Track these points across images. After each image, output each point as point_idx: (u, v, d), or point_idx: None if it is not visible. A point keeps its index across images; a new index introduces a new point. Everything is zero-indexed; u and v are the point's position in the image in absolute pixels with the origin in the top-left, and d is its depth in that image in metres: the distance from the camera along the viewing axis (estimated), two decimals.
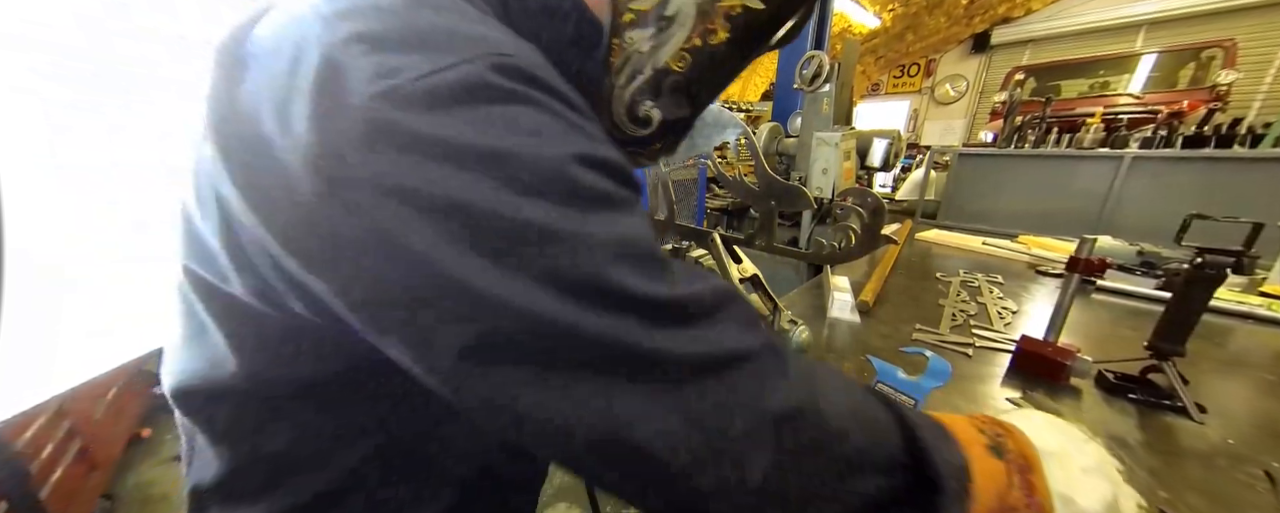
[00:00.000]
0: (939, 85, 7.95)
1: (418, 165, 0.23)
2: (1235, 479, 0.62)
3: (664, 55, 0.34)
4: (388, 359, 0.27)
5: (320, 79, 0.23)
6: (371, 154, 0.22)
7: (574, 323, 0.23)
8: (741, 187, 0.66)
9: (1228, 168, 1.86)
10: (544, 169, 0.24)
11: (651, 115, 0.37)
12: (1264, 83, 5.46)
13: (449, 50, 0.24)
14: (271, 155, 0.25)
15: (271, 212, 0.26)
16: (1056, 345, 0.86)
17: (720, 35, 0.34)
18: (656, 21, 0.33)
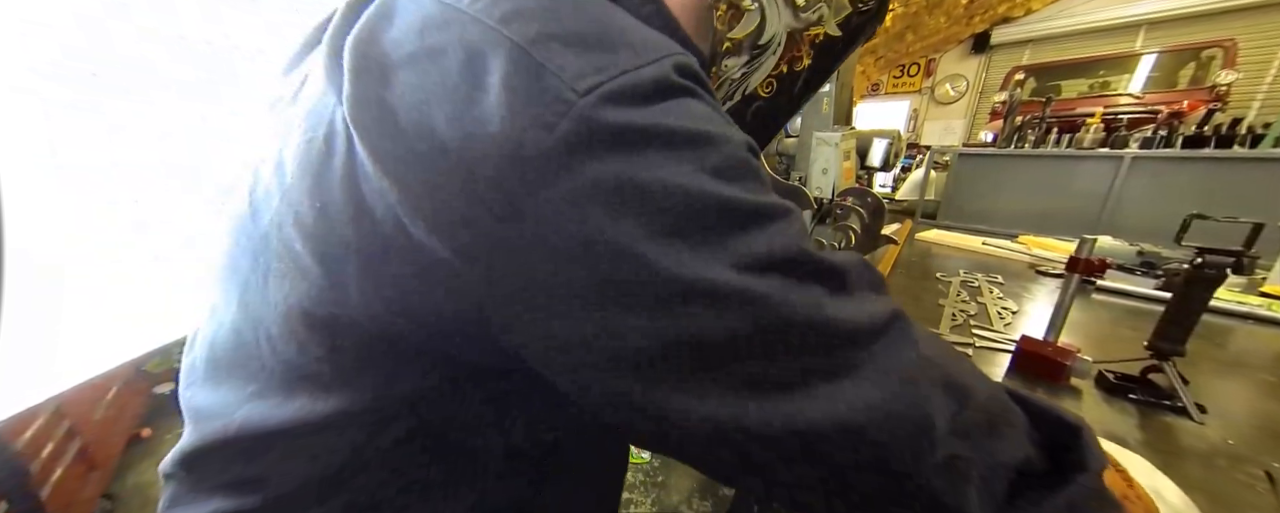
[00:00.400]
0: (939, 85, 7.94)
1: (639, 159, 0.23)
2: (1235, 479, 0.62)
3: (754, 81, 0.36)
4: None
5: (518, 78, 0.23)
6: (595, 149, 0.22)
7: (783, 300, 0.24)
8: None
9: (1228, 168, 1.86)
10: (737, 156, 0.25)
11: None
12: (1264, 83, 5.45)
13: (641, 49, 0.25)
14: (451, 160, 0.23)
15: (454, 220, 0.24)
16: (1056, 346, 0.86)
17: (804, 62, 0.36)
18: (751, 49, 0.34)
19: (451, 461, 0.33)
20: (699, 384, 0.24)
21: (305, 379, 0.30)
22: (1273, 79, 5.41)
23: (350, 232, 0.26)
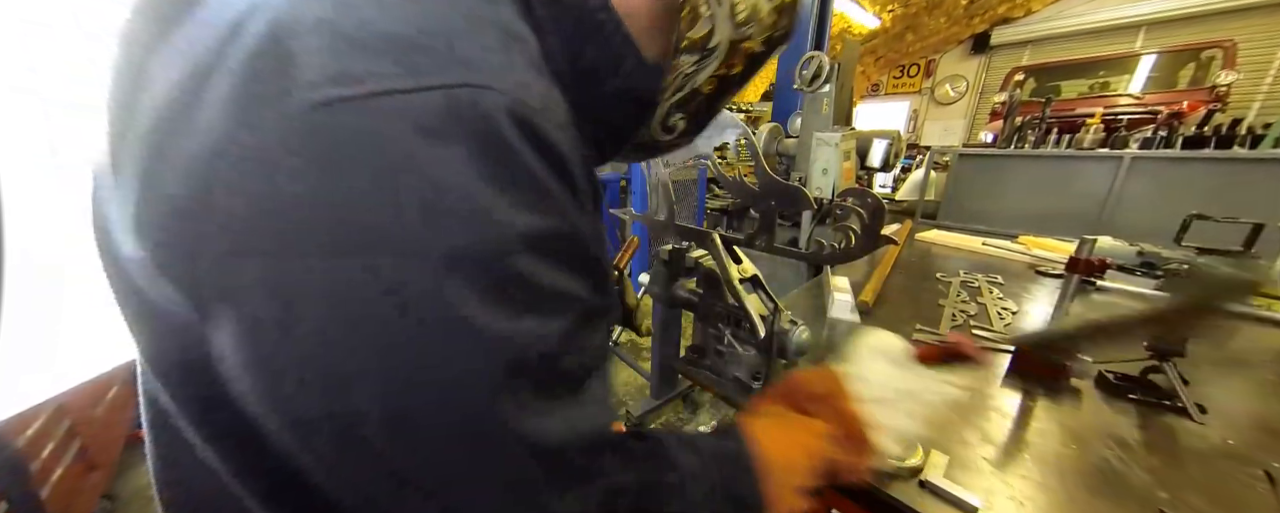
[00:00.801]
0: (939, 86, 7.95)
1: (335, 204, 0.19)
2: (1235, 480, 0.62)
3: (700, 79, 0.40)
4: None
5: (258, 62, 0.20)
6: (286, 175, 0.19)
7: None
8: (741, 187, 0.66)
9: (1227, 168, 1.86)
10: (477, 252, 0.22)
11: (678, 125, 0.43)
12: (1264, 83, 5.46)
13: (431, 69, 0.21)
14: (158, 138, 0.21)
15: (147, 209, 0.22)
16: None
17: (737, 68, 0.40)
18: (701, 50, 0.38)
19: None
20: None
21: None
22: (1273, 79, 5.42)
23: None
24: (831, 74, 1.59)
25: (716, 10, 0.36)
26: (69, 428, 1.56)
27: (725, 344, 0.81)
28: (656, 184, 0.78)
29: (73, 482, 1.50)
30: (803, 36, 2.17)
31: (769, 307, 0.74)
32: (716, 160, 0.69)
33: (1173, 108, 4.03)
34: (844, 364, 0.48)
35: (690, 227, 0.76)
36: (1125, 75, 5.15)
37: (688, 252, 0.79)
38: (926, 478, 0.60)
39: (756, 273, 0.75)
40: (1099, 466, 0.64)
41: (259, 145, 0.19)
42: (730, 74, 0.40)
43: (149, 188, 0.22)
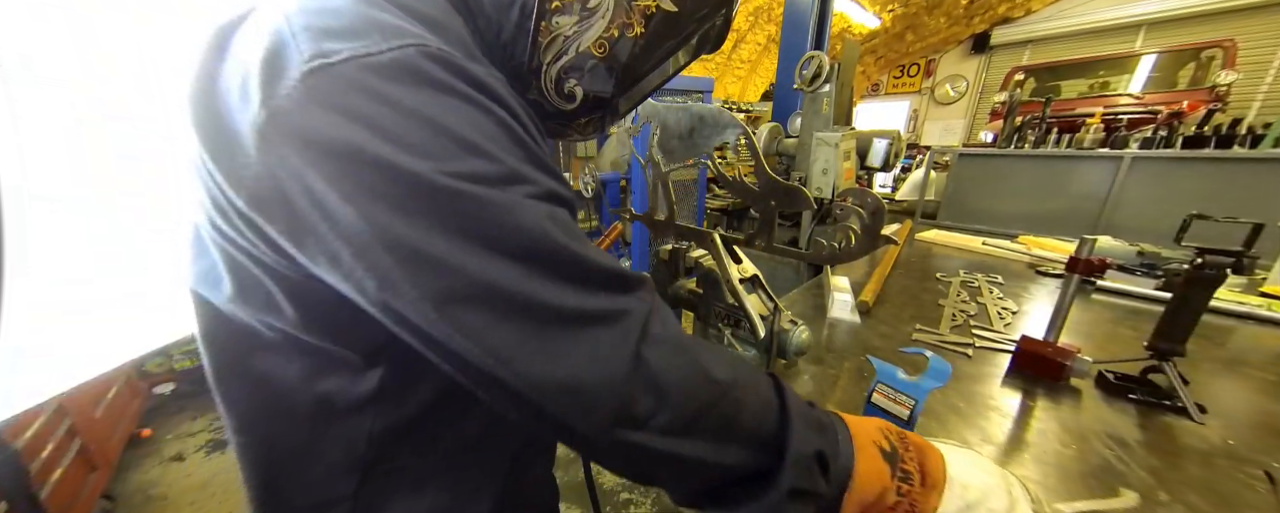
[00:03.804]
0: (939, 85, 7.95)
1: (337, 125, 0.28)
2: (1235, 479, 0.62)
3: (586, 40, 0.40)
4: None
5: (268, 58, 0.28)
6: (296, 117, 0.28)
7: (490, 279, 0.29)
8: (741, 187, 0.66)
9: (1228, 168, 1.86)
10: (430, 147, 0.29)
11: (575, 92, 0.43)
12: (1264, 83, 5.46)
13: (382, 38, 0.29)
14: (231, 125, 0.30)
15: (231, 172, 0.30)
16: (1056, 346, 0.86)
17: (636, 30, 0.40)
18: (581, 11, 0.39)
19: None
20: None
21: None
22: (1273, 79, 5.42)
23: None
24: (831, 74, 1.59)
25: None
26: (69, 428, 1.56)
27: (725, 344, 0.81)
28: (656, 183, 0.78)
29: (73, 482, 1.50)
30: (803, 36, 2.17)
31: (769, 307, 0.74)
32: (716, 160, 0.69)
33: (1173, 108, 4.03)
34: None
35: (690, 227, 0.76)
36: (1125, 75, 5.15)
37: (688, 252, 0.79)
38: None
39: (756, 273, 0.75)
40: (1099, 465, 0.64)
41: (281, 108, 0.28)
42: (629, 37, 0.40)
43: (234, 154, 0.30)
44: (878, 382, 0.61)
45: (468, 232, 0.29)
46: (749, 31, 5.45)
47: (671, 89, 1.91)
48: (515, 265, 0.30)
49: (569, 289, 0.31)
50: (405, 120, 0.28)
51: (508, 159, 0.31)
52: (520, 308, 0.30)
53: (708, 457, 0.34)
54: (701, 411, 0.34)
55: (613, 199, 2.90)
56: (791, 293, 1.36)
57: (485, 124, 0.31)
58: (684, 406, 0.33)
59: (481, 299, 0.29)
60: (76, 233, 1.16)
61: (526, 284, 0.30)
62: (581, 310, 0.31)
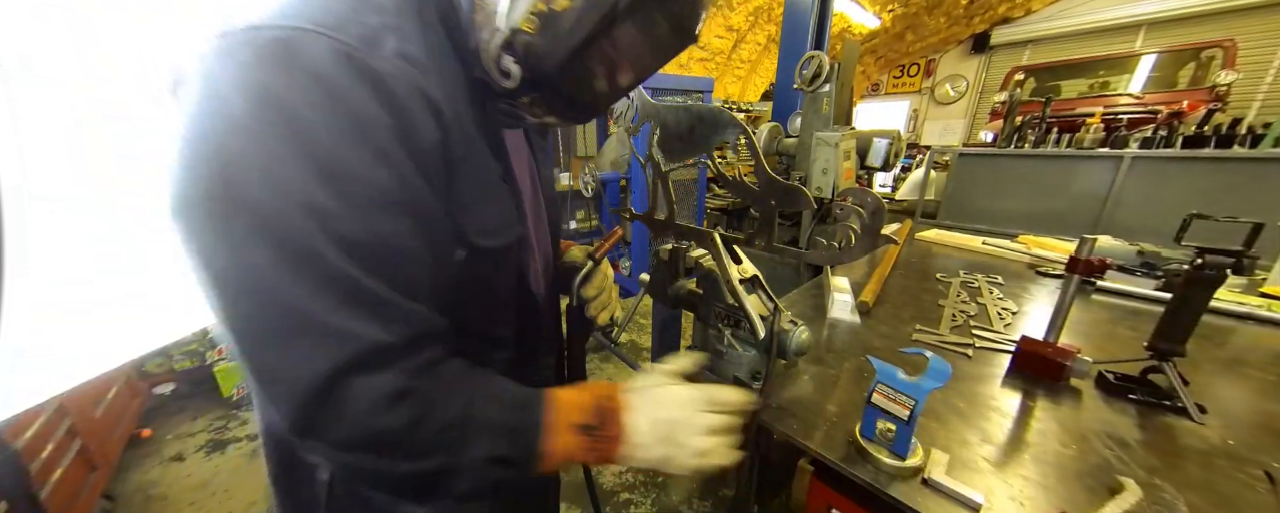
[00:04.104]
0: (939, 85, 7.94)
1: (195, 87, 0.34)
2: (1235, 479, 0.62)
3: (516, 17, 0.39)
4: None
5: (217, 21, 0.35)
6: (192, 77, 0.34)
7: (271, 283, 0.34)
8: (741, 187, 0.65)
9: (1228, 168, 1.86)
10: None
11: (511, 70, 0.42)
12: (1264, 83, 5.46)
13: (281, 16, 0.34)
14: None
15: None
16: (1056, 346, 0.86)
17: (561, 3, 0.39)
18: None
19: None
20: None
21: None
22: (1272, 79, 5.42)
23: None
24: (832, 74, 1.59)
25: None
26: (69, 428, 1.56)
27: (725, 344, 0.81)
28: (656, 183, 0.78)
29: (73, 482, 1.50)
30: (803, 37, 2.17)
31: (769, 307, 0.74)
32: (717, 160, 0.69)
33: (1173, 108, 4.03)
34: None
35: (690, 227, 0.76)
36: (1125, 75, 5.15)
37: (688, 252, 0.79)
38: (929, 476, 0.60)
39: (756, 273, 0.75)
40: (1099, 465, 0.64)
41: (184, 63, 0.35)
42: (554, 11, 0.39)
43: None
44: (878, 382, 0.61)
45: (242, 210, 0.33)
46: (749, 31, 5.45)
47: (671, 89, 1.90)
48: (272, 253, 0.34)
49: (309, 293, 0.34)
50: (247, 97, 0.32)
51: (334, 156, 0.34)
52: (264, 294, 0.34)
53: (385, 469, 0.39)
54: (384, 440, 0.38)
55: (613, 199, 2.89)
56: (791, 293, 1.36)
57: (335, 119, 0.34)
58: (363, 435, 0.37)
59: (234, 278, 0.34)
60: (76, 233, 1.16)
61: (270, 274, 0.34)
62: (308, 317, 0.34)
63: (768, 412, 0.75)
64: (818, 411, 0.76)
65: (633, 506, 1.72)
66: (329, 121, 0.34)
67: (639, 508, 1.72)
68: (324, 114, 0.34)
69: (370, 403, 0.36)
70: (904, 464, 0.60)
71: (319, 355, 0.35)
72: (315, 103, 0.33)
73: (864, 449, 0.63)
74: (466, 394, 0.42)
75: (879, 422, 0.63)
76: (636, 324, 3.33)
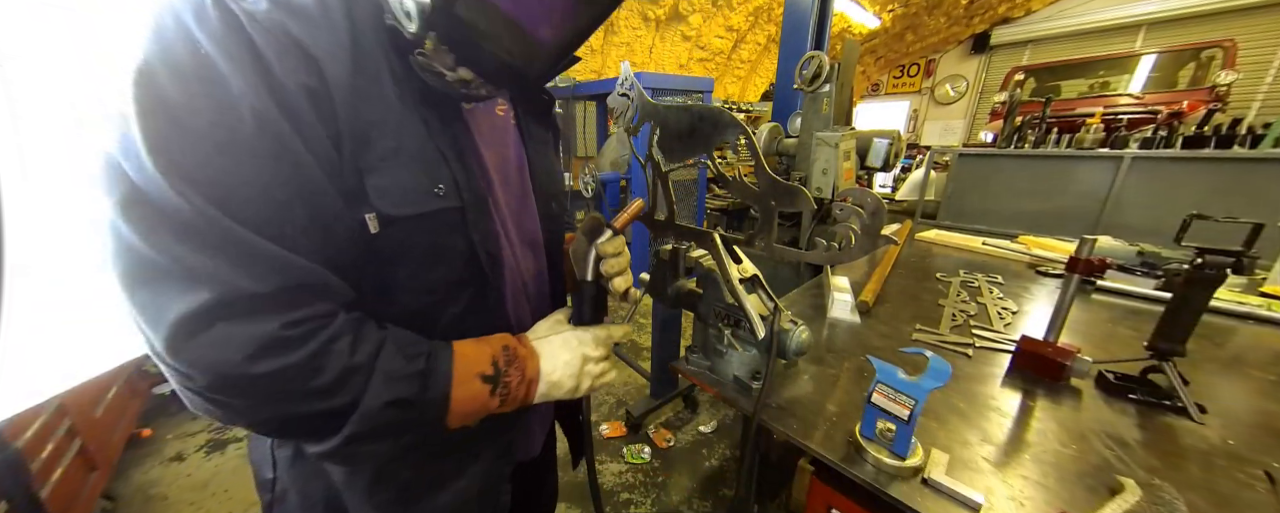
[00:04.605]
0: (939, 85, 7.94)
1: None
2: (1235, 479, 0.62)
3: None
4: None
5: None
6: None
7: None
8: (741, 187, 0.65)
9: (1228, 168, 1.86)
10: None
11: (409, 7, 0.42)
12: (1264, 83, 5.46)
13: None
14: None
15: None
16: (1056, 346, 0.86)
17: None
18: None
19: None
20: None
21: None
22: (1272, 79, 5.41)
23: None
24: (831, 74, 1.59)
25: None
26: (69, 428, 1.56)
27: (725, 344, 0.81)
28: (656, 182, 0.78)
29: (73, 482, 1.50)
30: (803, 37, 2.17)
31: (769, 307, 0.74)
32: (717, 160, 0.69)
33: (1173, 108, 4.03)
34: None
35: (690, 227, 0.76)
36: (1125, 75, 5.15)
37: (688, 252, 0.79)
38: (929, 476, 0.60)
39: (756, 273, 0.75)
40: (1099, 465, 0.64)
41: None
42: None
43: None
44: (878, 382, 0.61)
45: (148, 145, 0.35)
46: (749, 31, 5.45)
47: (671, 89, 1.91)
48: (139, 201, 0.35)
49: (173, 237, 0.35)
50: (157, 38, 0.35)
51: (181, 98, 0.35)
52: (134, 237, 0.35)
53: (261, 415, 0.41)
54: (255, 387, 0.39)
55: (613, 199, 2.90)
56: (791, 293, 1.36)
57: (185, 60, 0.36)
58: (227, 380, 0.38)
59: (112, 223, 0.35)
60: (77, 233, 1.16)
61: (128, 211, 0.35)
62: (175, 261, 0.36)
63: (768, 412, 0.75)
64: (818, 411, 0.76)
65: (633, 506, 1.72)
66: (180, 61, 0.36)
67: (639, 508, 1.72)
68: (177, 54, 0.35)
69: (236, 348, 0.37)
70: (904, 464, 0.61)
71: (186, 297, 0.36)
72: (171, 45, 0.35)
73: (864, 449, 0.64)
74: (361, 347, 0.43)
75: (879, 422, 0.63)
76: (636, 324, 3.33)
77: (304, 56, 0.39)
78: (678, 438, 2.08)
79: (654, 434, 2.09)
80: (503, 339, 0.55)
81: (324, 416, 0.42)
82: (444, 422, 0.48)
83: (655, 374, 2.21)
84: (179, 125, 0.35)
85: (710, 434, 2.11)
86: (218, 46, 0.36)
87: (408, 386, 0.45)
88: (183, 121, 0.35)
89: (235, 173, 0.37)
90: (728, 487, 1.81)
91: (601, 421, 2.19)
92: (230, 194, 0.36)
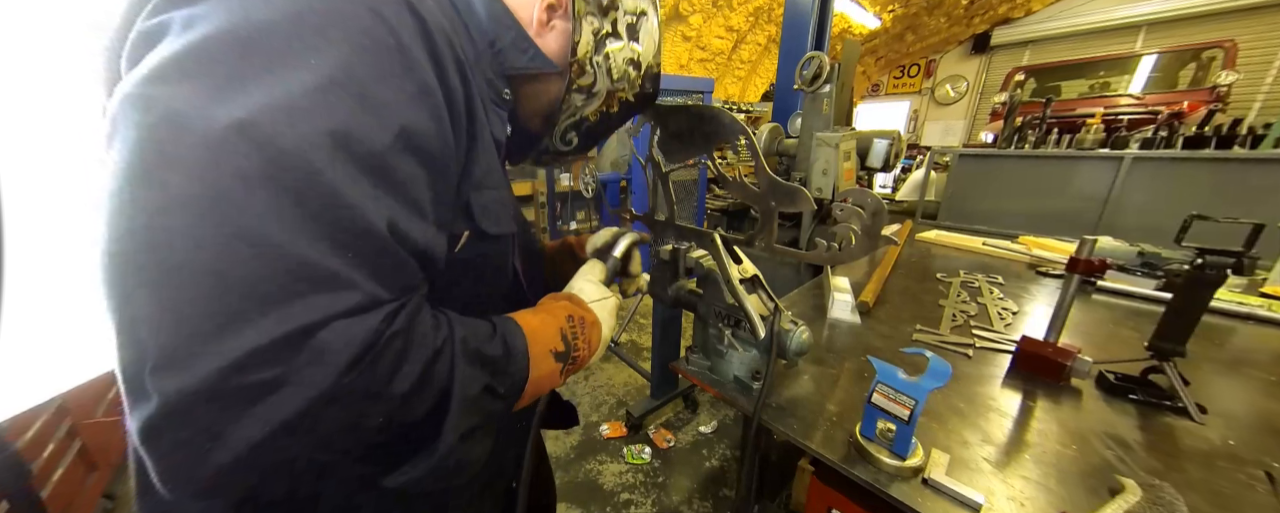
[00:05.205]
0: (939, 86, 7.94)
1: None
2: (1236, 480, 0.62)
3: (587, 111, 0.59)
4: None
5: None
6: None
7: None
8: (742, 187, 0.65)
9: (1228, 169, 1.86)
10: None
11: (573, 139, 0.61)
12: (1264, 83, 5.45)
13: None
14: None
15: None
16: (1057, 346, 0.86)
17: (614, 108, 0.60)
18: (588, 93, 0.57)
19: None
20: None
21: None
22: (1273, 80, 5.41)
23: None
24: (832, 74, 1.59)
25: (598, 69, 0.56)
26: (69, 428, 1.56)
27: (725, 344, 0.81)
28: (656, 183, 0.78)
29: (73, 482, 1.50)
30: (803, 37, 2.17)
31: (769, 307, 0.74)
32: (717, 161, 0.69)
33: (1173, 108, 4.03)
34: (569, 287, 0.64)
35: (690, 227, 0.76)
36: (1126, 75, 5.15)
37: (688, 252, 0.79)
38: (929, 476, 0.60)
39: (756, 273, 0.75)
40: (1099, 466, 0.64)
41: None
42: (609, 112, 0.60)
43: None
44: (878, 382, 0.61)
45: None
46: (749, 32, 5.45)
47: (672, 89, 1.92)
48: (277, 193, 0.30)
49: (310, 238, 0.30)
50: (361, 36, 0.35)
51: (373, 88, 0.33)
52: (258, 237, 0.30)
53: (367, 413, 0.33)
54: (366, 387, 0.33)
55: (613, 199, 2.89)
56: (791, 293, 1.36)
57: (380, 51, 0.35)
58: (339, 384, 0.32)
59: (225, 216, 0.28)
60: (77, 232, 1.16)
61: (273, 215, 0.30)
62: (308, 266, 0.30)
63: (768, 412, 0.75)
64: (818, 411, 0.76)
65: (633, 506, 1.72)
66: (373, 49, 0.33)
67: (639, 508, 1.72)
68: (367, 39, 0.33)
69: (352, 348, 0.31)
70: (904, 464, 0.61)
71: (310, 308, 0.29)
72: (366, 29, 0.33)
73: (864, 449, 0.63)
74: (447, 331, 0.39)
75: (879, 422, 0.63)
76: (636, 324, 3.33)
77: (461, 71, 0.41)
78: (678, 438, 2.08)
79: (654, 435, 2.09)
80: (565, 308, 0.54)
81: (421, 414, 0.37)
82: (514, 405, 0.47)
83: (655, 374, 2.21)
84: (366, 110, 0.33)
85: (710, 434, 2.11)
86: (412, 42, 0.36)
87: (492, 375, 0.42)
88: (369, 109, 0.33)
89: (400, 167, 0.35)
90: (728, 487, 1.81)
91: (602, 421, 2.19)
92: (391, 189, 0.34)
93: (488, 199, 0.46)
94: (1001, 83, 6.00)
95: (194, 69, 0.29)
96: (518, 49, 0.51)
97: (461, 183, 0.43)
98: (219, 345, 0.27)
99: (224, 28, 0.29)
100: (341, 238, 0.31)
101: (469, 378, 0.40)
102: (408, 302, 0.36)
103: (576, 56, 0.53)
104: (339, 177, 0.30)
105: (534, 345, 0.47)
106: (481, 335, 0.43)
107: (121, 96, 0.29)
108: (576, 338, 0.52)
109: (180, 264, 0.27)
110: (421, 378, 0.36)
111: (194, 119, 0.27)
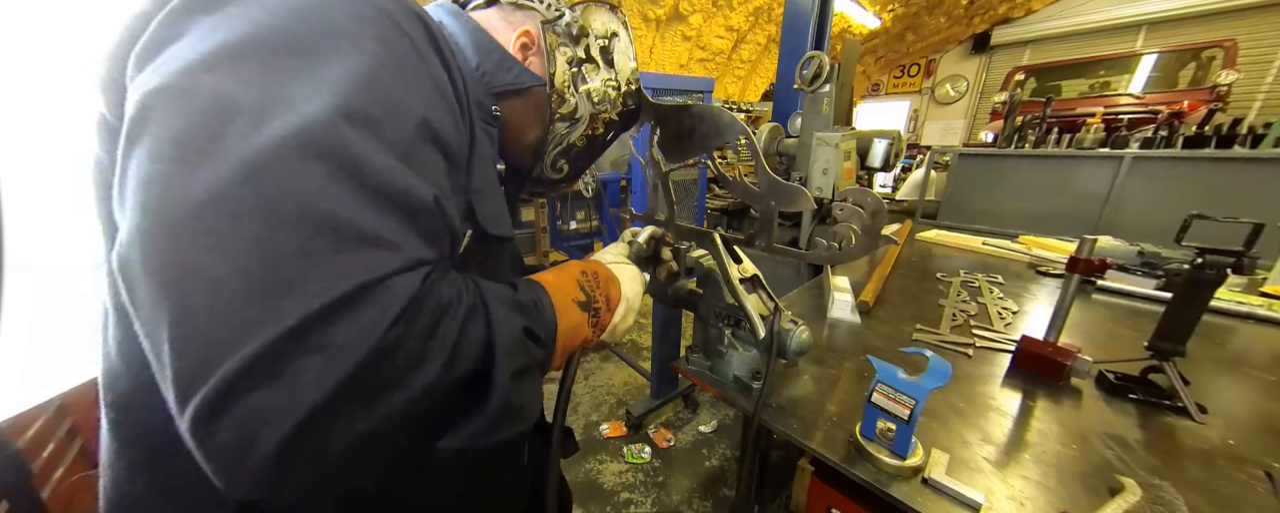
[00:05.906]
0: (939, 85, 7.94)
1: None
2: (1235, 479, 0.62)
3: (573, 137, 0.61)
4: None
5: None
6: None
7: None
8: (742, 187, 0.65)
9: (1228, 168, 1.86)
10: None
11: (563, 167, 0.63)
12: (1264, 83, 5.45)
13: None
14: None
15: None
16: (1057, 346, 0.86)
17: (599, 130, 0.62)
18: (571, 119, 0.59)
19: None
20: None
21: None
22: (1273, 79, 5.41)
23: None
24: (832, 74, 1.59)
25: (578, 96, 0.58)
26: (70, 428, 1.56)
27: (725, 344, 0.81)
28: (656, 183, 0.78)
29: (74, 482, 1.50)
30: (803, 37, 2.17)
31: (769, 307, 0.74)
32: (717, 160, 0.69)
33: (1173, 107, 4.03)
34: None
35: (690, 227, 0.76)
36: (1126, 75, 5.14)
37: (688, 252, 0.79)
38: (929, 476, 0.60)
39: (756, 273, 0.75)
40: (1099, 465, 0.64)
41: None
42: (595, 134, 0.62)
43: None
44: (878, 382, 0.61)
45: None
46: (749, 32, 5.45)
47: (671, 89, 1.92)
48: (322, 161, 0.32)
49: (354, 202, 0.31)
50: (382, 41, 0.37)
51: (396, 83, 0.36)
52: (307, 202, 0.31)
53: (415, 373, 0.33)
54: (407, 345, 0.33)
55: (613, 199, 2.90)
56: (791, 293, 1.36)
57: (403, 46, 0.37)
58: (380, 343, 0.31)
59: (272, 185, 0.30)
60: (78, 232, 1.16)
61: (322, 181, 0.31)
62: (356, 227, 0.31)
63: (768, 412, 0.75)
64: (818, 411, 0.76)
65: (633, 505, 1.72)
66: (399, 44, 0.36)
67: (639, 508, 1.72)
68: (391, 37, 0.36)
69: (400, 302, 0.31)
70: (904, 464, 0.61)
71: (368, 266, 0.30)
72: (386, 31, 0.36)
73: (864, 449, 0.64)
74: (475, 287, 0.40)
75: (879, 422, 0.63)
76: (637, 324, 3.33)
77: (457, 80, 0.43)
78: (678, 438, 2.08)
79: (654, 434, 2.09)
80: (575, 265, 0.56)
81: (473, 361, 0.37)
82: (551, 361, 0.47)
83: (655, 374, 2.21)
84: (386, 103, 0.35)
85: (710, 434, 2.11)
86: (426, 43, 0.39)
87: (524, 316, 0.43)
88: (388, 103, 0.35)
89: (420, 157, 0.37)
90: (728, 487, 1.81)
91: (602, 420, 2.19)
92: (409, 177, 0.36)
93: (488, 204, 0.48)
94: (1001, 82, 6.00)
95: (231, 63, 0.31)
96: (503, 68, 0.53)
97: (465, 183, 0.45)
98: (277, 311, 0.28)
99: (258, 24, 0.32)
100: (389, 206, 0.33)
101: (507, 320, 0.40)
102: (441, 265, 0.37)
103: (555, 87, 0.56)
104: (380, 154, 0.33)
105: (556, 295, 0.49)
106: (505, 290, 0.44)
107: (155, 88, 0.30)
108: (594, 290, 0.53)
109: (239, 235, 0.28)
110: (464, 325, 0.36)
111: (243, 103, 0.29)
